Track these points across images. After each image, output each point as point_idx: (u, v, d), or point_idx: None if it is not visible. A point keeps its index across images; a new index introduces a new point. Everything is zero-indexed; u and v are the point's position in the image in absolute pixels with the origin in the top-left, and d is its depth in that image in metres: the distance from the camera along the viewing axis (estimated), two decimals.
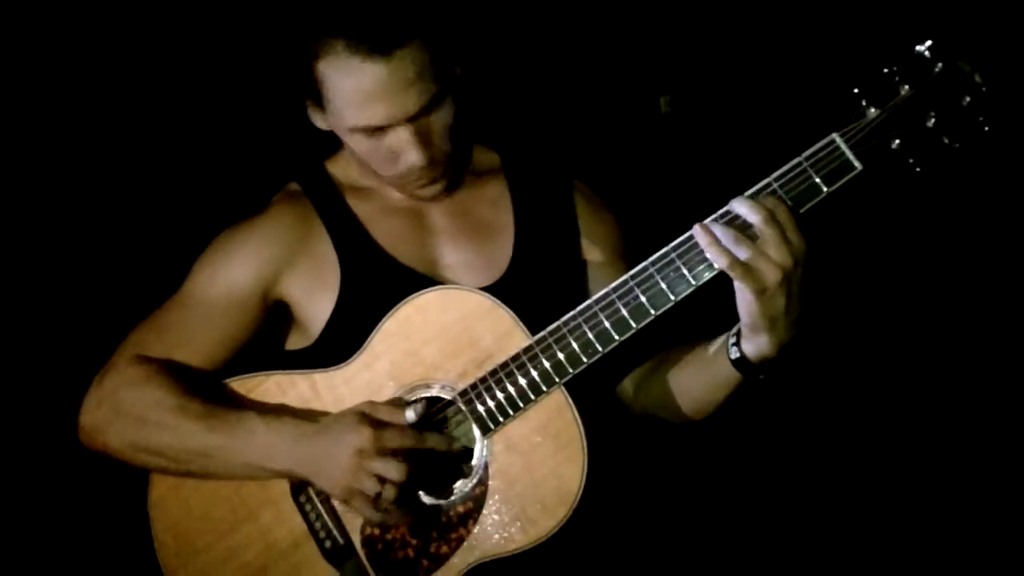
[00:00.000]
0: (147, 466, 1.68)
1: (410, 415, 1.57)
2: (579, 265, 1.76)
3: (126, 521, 1.80)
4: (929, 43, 1.48)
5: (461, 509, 1.61)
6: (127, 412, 1.66)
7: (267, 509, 1.66)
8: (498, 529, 1.59)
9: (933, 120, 1.47)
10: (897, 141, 1.48)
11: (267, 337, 1.77)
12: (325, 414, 1.63)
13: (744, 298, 1.47)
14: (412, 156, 1.62)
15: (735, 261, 1.44)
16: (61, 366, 1.93)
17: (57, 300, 2.13)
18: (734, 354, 1.54)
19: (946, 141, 1.48)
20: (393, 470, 1.54)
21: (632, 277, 1.53)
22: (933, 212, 2.35)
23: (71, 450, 1.74)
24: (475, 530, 1.59)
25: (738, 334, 1.53)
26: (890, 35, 1.56)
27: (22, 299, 2.12)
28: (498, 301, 1.60)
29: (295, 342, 1.76)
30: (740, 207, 1.47)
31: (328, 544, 1.64)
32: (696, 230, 1.47)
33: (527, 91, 2.31)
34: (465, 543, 1.60)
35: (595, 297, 1.55)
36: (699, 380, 1.64)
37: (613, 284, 1.54)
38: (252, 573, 1.67)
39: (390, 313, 1.63)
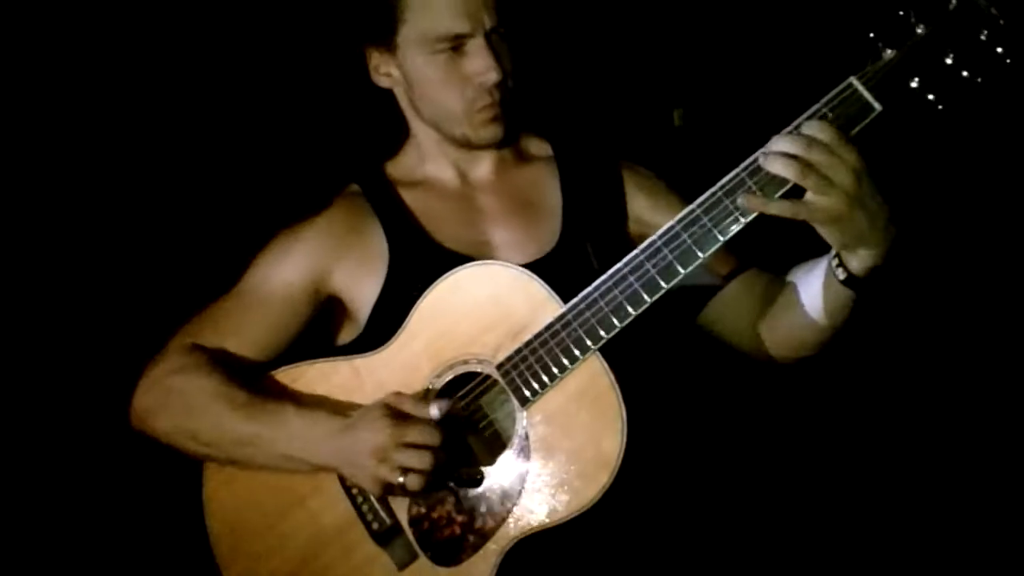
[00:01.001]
0: (194, 453, 1.72)
1: (434, 412, 1.59)
2: (625, 243, 1.77)
3: (177, 518, 1.84)
4: None
5: (505, 483, 1.61)
6: (175, 398, 1.70)
7: (315, 496, 1.68)
8: (542, 500, 1.58)
9: (952, 57, 1.46)
10: (916, 80, 1.47)
11: (320, 334, 1.82)
12: (359, 405, 1.66)
13: (824, 230, 1.46)
14: (488, 67, 1.68)
15: (808, 168, 1.41)
16: (116, 354, 1.97)
17: (118, 292, 2.21)
18: (841, 275, 1.52)
19: (966, 75, 1.46)
20: (415, 460, 1.57)
21: (660, 237, 1.54)
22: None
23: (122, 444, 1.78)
24: (519, 503, 1.59)
25: (838, 255, 1.52)
26: None
27: (79, 291, 2.20)
28: (530, 273, 1.61)
29: (346, 335, 1.80)
30: (779, 143, 1.45)
31: (376, 526, 1.65)
32: (760, 154, 1.46)
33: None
34: (510, 517, 1.60)
35: (624, 260, 1.55)
36: (814, 311, 1.62)
37: (641, 246, 1.55)
38: (303, 559, 1.68)
39: (425, 293, 1.66)
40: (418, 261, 1.74)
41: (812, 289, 1.62)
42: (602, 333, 1.56)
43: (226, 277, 1.84)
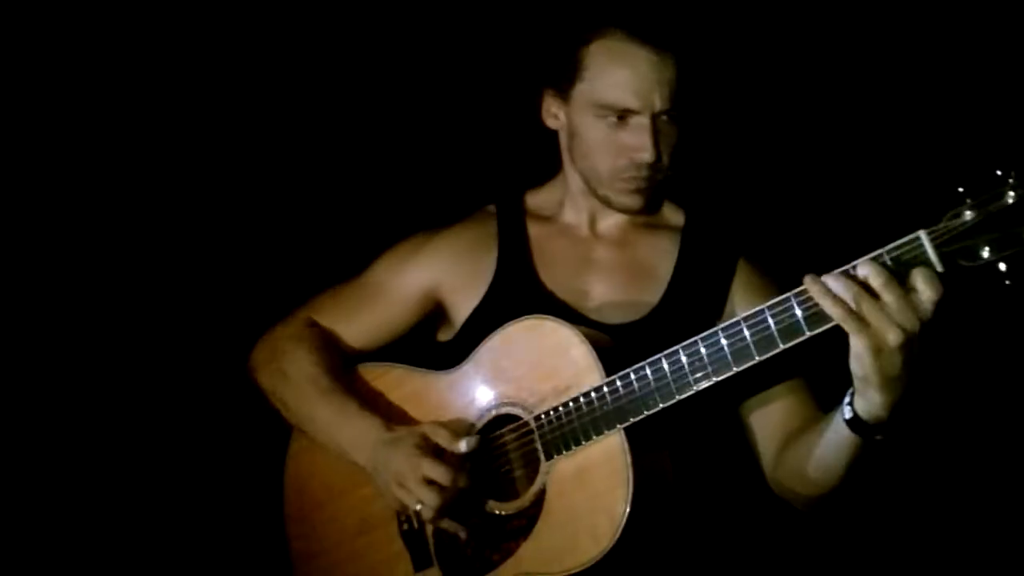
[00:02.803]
0: (282, 413, 1.94)
1: (462, 446, 1.72)
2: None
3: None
4: None
5: (516, 524, 1.72)
6: (277, 361, 1.94)
7: (368, 485, 1.86)
8: (545, 548, 1.69)
9: None
10: (988, 249, 1.39)
11: (426, 328, 2.01)
12: (418, 417, 1.83)
13: (857, 354, 1.43)
14: (644, 146, 1.77)
15: (849, 313, 1.40)
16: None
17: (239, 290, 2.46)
18: (847, 413, 1.51)
19: None
20: (427, 495, 1.70)
21: (703, 338, 1.57)
22: None
23: None
24: (525, 545, 1.71)
25: (852, 394, 1.50)
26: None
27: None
28: (584, 338, 1.69)
29: (443, 335, 1.98)
30: (864, 268, 1.42)
31: (406, 527, 1.83)
32: (807, 280, 1.45)
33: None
34: (514, 555, 1.72)
35: (667, 351, 1.60)
36: (821, 445, 1.61)
37: (686, 342, 1.59)
38: (348, 538, 1.89)
39: (497, 331, 1.78)
40: (514, 291, 1.88)
41: (822, 423, 1.60)
42: (630, 417, 1.62)
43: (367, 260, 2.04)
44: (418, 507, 1.73)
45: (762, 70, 2.34)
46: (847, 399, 1.50)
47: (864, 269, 1.42)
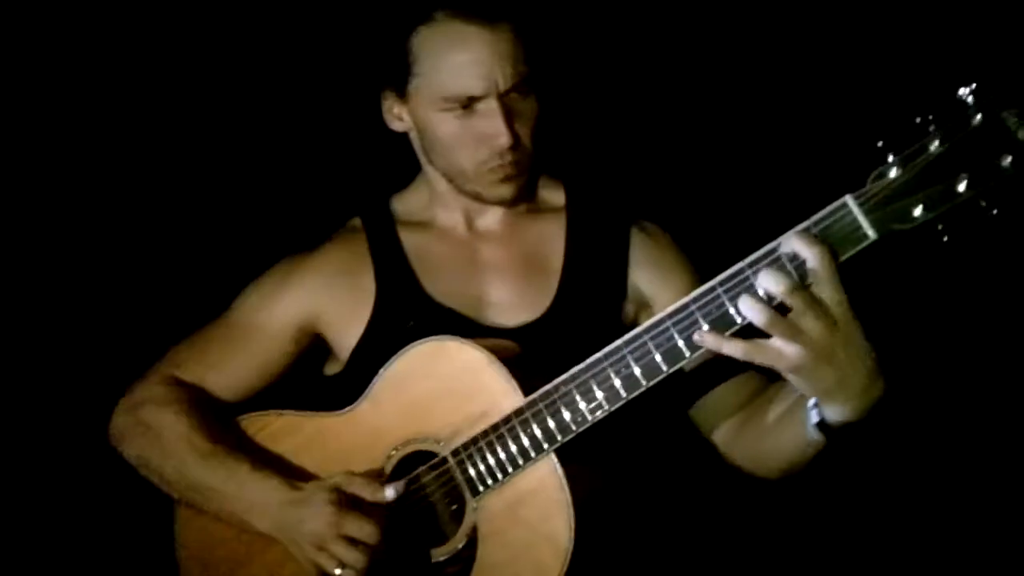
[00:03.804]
0: (157, 485, 1.72)
1: (389, 493, 1.55)
2: (617, 318, 1.70)
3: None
4: (972, 86, 1.28)
5: (450, 570, 1.57)
6: (144, 428, 1.72)
7: (273, 547, 1.67)
8: None
9: (966, 183, 1.27)
10: (921, 208, 1.29)
11: (308, 363, 1.81)
12: (319, 468, 1.64)
13: (788, 377, 1.32)
14: (499, 132, 1.62)
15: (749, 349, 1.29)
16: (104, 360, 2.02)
17: (106, 301, 2.24)
18: (814, 418, 1.38)
19: (982, 205, 1.28)
20: (350, 555, 1.53)
21: (626, 343, 1.43)
22: None
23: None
24: None
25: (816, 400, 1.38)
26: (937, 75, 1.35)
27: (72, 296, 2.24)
28: (494, 357, 1.54)
29: (330, 369, 1.79)
30: (766, 279, 1.29)
31: None
32: (702, 338, 1.32)
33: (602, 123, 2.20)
34: None
35: (589, 361, 1.46)
36: (783, 440, 1.49)
37: (607, 349, 1.45)
38: None
39: (393, 358, 1.60)
40: (401, 310, 1.71)
41: (787, 413, 1.48)
42: (558, 437, 1.48)
43: (222, 297, 1.83)
44: (339, 572, 1.55)
45: (620, 14, 2.20)
46: (811, 402, 1.37)
47: (800, 249, 1.29)
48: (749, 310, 1.29)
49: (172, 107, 2.21)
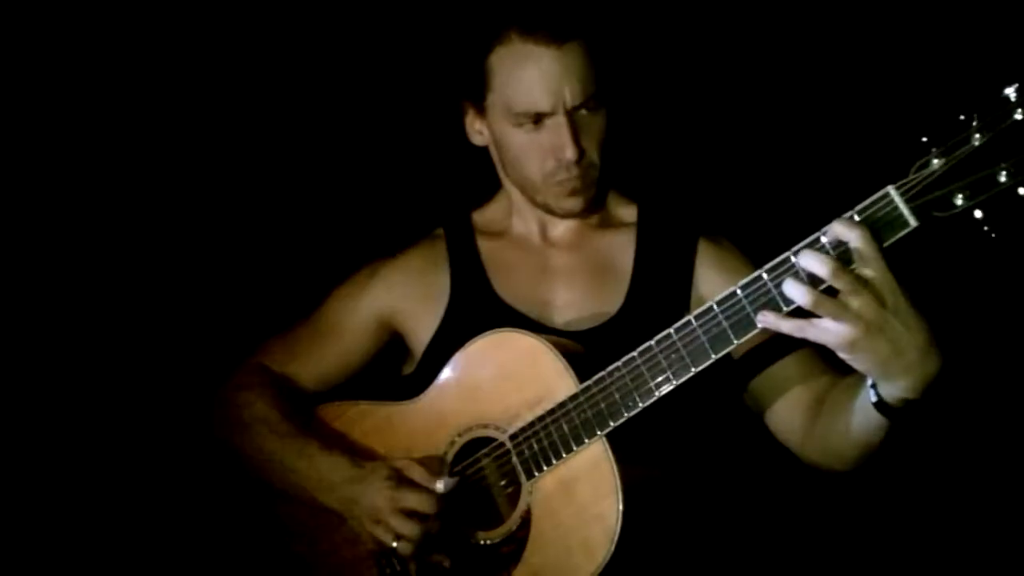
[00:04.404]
0: (243, 465, 1.82)
1: (439, 486, 1.62)
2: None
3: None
4: (1016, 85, 1.32)
5: (505, 550, 1.62)
6: (231, 411, 1.83)
7: (346, 524, 1.73)
8: (539, 571, 1.59)
9: (1006, 174, 1.31)
10: (962, 197, 1.33)
11: (388, 363, 1.91)
12: (385, 452, 1.73)
13: (841, 356, 1.36)
14: (566, 146, 1.69)
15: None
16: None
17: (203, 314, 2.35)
18: (872, 397, 1.41)
19: (1022, 194, 1.31)
20: (407, 528, 1.61)
21: (676, 330, 1.49)
22: None
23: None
24: (517, 570, 1.61)
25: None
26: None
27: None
28: (551, 346, 1.61)
29: (408, 368, 1.89)
30: (807, 259, 1.34)
31: (388, 571, 1.71)
32: (764, 317, 1.37)
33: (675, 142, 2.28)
34: None
35: (642, 347, 1.52)
36: (849, 425, 1.50)
37: (659, 336, 1.51)
38: None
39: (458, 352, 1.69)
40: (473, 309, 1.79)
41: (853, 400, 1.49)
42: (609, 421, 1.53)
43: (323, 297, 1.94)
44: (396, 543, 1.62)
45: (688, 37, 2.27)
46: (869, 381, 1.40)
47: (842, 233, 1.34)
48: (794, 291, 1.33)
49: (273, 121, 2.35)
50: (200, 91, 2.31)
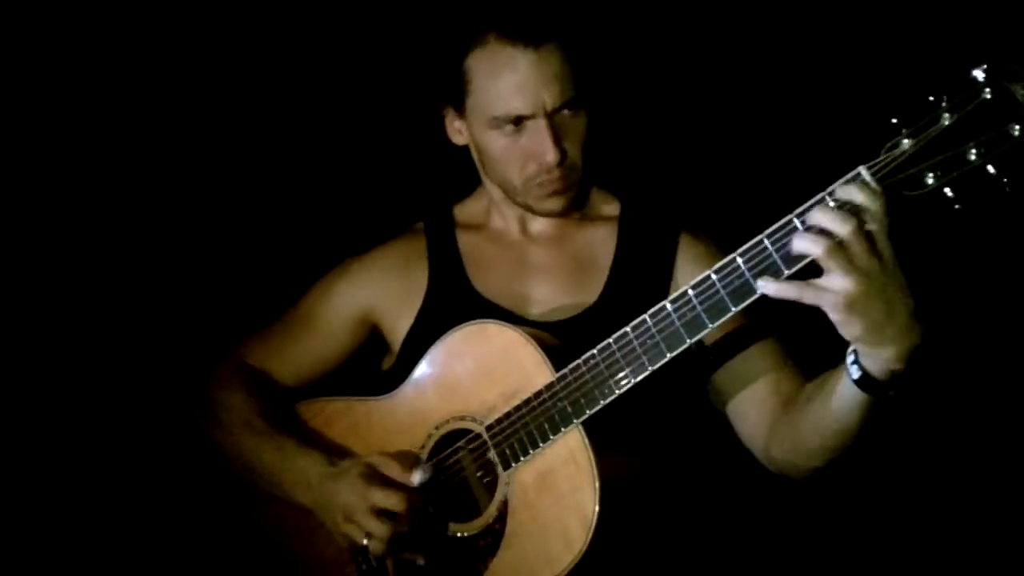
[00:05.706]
0: (223, 463, 1.82)
1: (415, 478, 1.62)
2: None
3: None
4: (985, 67, 1.33)
5: (483, 543, 1.61)
6: (210, 409, 1.83)
7: (321, 527, 1.73)
8: (517, 563, 1.58)
9: (975, 152, 1.31)
10: (932, 176, 1.33)
11: (368, 358, 1.91)
12: (363, 448, 1.72)
13: (836, 317, 1.32)
14: (546, 150, 1.68)
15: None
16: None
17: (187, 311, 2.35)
18: (855, 373, 1.38)
19: (991, 172, 1.31)
20: (377, 527, 1.60)
21: (651, 316, 1.49)
22: None
23: None
24: (495, 562, 1.60)
25: (856, 352, 1.38)
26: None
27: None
28: (529, 337, 1.60)
29: (388, 362, 1.88)
30: (820, 216, 1.31)
31: (364, 567, 1.70)
32: (765, 284, 1.34)
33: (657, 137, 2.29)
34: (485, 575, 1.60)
35: (616, 335, 1.52)
36: (826, 411, 1.47)
37: (632, 323, 1.50)
38: None
39: (434, 345, 1.68)
40: (450, 303, 1.79)
41: (823, 388, 1.48)
42: (586, 409, 1.53)
43: (296, 295, 1.94)
44: (367, 542, 1.61)
45: (666, 35, 2.28)
46: (850, 358, 1.38)
47: (851, 193, 1.32)
48: (807, 245, 1.30)
49: (254, 119, 2.36)
50: (183, 90, 2.32)
